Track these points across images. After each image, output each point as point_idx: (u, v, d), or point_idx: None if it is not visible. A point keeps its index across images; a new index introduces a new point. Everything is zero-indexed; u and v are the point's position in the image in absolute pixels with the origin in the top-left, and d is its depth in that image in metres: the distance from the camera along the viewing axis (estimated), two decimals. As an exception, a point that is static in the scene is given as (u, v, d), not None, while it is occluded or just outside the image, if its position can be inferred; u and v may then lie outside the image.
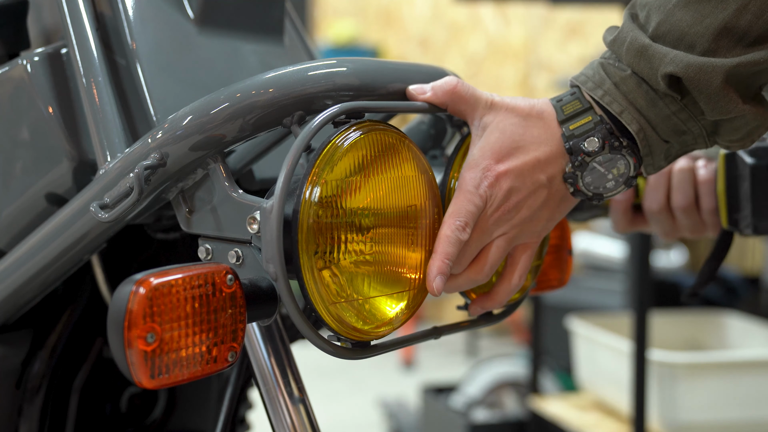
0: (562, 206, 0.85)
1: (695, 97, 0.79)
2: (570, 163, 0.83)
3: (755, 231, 1.03)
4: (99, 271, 1.10)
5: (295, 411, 0.87)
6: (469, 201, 0.81)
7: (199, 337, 0.72)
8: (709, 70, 0.77)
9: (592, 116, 0.83)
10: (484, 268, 0.84)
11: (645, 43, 0.80)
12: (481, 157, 0.82)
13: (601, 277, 3.80)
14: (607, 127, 0.82)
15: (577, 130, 0.82)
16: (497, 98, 0.84)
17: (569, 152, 0.82)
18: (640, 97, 0.81)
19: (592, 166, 0.83)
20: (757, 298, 3.48)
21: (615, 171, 0.83)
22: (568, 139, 0.82)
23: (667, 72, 0.78)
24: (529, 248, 0.86)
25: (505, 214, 0.82)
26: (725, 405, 2.24)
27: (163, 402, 1.21)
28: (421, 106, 0.86)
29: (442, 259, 0.80)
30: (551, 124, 0.83)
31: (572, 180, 0.83)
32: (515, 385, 3.16)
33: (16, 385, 1.08)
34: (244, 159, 0.93)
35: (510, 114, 0.83)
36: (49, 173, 0.96)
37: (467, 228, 0.81)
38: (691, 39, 0.78)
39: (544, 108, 0.84)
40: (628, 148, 0.82)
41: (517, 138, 0.82)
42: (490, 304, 0.88)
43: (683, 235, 1.15)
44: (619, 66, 0.82)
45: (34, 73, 0.96)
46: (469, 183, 0.81)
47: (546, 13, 5.42)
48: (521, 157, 0.82)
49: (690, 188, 1.12)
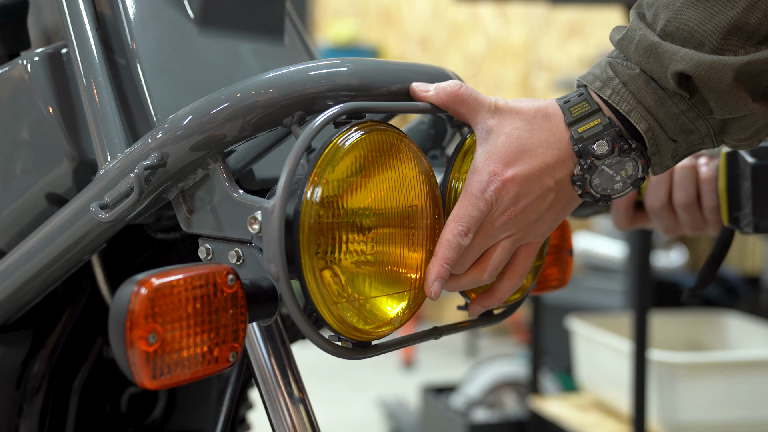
0: (568, 207, 0.85)
1: (704, 95, 0.79)
2: (578, 166, 0.82)
3: (756, 229, 1.04)
4: (99, 271, 1.10)
5: (295, 411, 0.87)
6: (473, 205, 0.80)
7: (200, 337, 0.72)
8: (719, 68, 0.77)
9: (601, 118, 0.82)
10: (488, 269, 0.83)
11: (654, 41, 0.79)
12: (487, 160, 0.81)
13: (601, 277, 3.80)
14: (617, 129, 0.82)
15: (586, 132, 0.82)
16: (501, 102, 0.84)
17: (578, 155, 0.82)
18: (648, 96, 0.81)
19: (601, 169, 0.82)
20: (757, 298, 3.48)
21: (623, 173, 0.83)
22: (577, 142, 0.82)
23: (677, 70, 0.78)
24: (532, 248, 0.86)
25: (512, 218, 0.82)
26: (725, 405, 2.24)
27: (163, 402, 1.21)
28: (422, 107, 0.86)
29: (441, 264, 0.80)
30: (559, 127, 0.83)
31: (581, 183, 0.83)
32: (515, 385, 3.16)
33: (16, 385, 1.08)
34: (244, 159, 0.93)
35: (515, 117, 0.83)
36: (49, 173, 0.96)
37: (469, 233, 0.80)
38: (700, 37, 0.78)
39: (550, 110, 0.83)
40: (637, 151, 0.82)
41: (524, 141, 0.82)
42: (490, 303, 0.88)
43: (684, 232, 1.16)
44: (628, 65, 0.82)
45: (34, 73, 0.96)
46: (475, 187, 0.81)
47: (546, 13, 5.42)
48: (529, 162, 0.81)
49: (692, 186, 1.12)
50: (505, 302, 0.93)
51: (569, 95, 0.84)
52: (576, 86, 0.85)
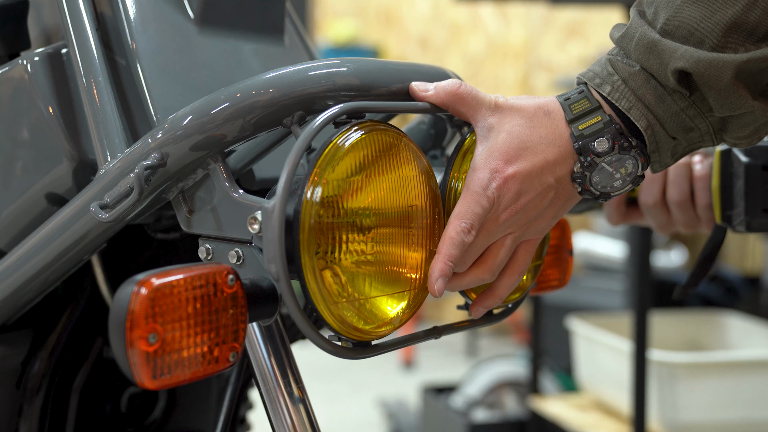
0: (567, 204, 0.85)
1: (704, 93, 0.79)
2: (579, 163, 0.82)
3: (748, 228, 1.04)
4: (99, 271, 1.10)
5: (295, 411, 0.87)
6: (476, 202, 0.80)
7: (200, 337, 0.72)
8: (719, 66, 0.77)
9: (601, 116, 0.82)
10: (490, 266, 0.83)
11: (654, 38, 0.79)
12: (488, 158, 0.81)
13: (601, 277, 3.80)
14: (617, 127, 0.82)
15: (587, 130, 0.82)
16: (501, 99, 0.84)
17: (578, 152, 0.82)
18: (648, 94, 0.81)
19: (600, 167, 0.82)
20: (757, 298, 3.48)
21: (623, 170, 0.83)
22: (578, 140, 0.82)
23: (678, 67, 0.78)
24: (531, 245, 0.86)
25: (514, 215, 0.82)
26: (725, 405, 2.24)
27: (163, 402, 1.21)
28: (422, 107, 0.86)
29: (444, 261, 0.80)
30: (559, 124, 0.83)
31: (581, 180, 0.83)
32: (515, 385, 3.16)
33: (16, 385, 1.08)
34: (244, 159, 0.93)
35: (516, 115, 0.83)
36: (49, 173, 0.96)
37: (472, 230, 0.80)
38: (700, 35, 0.78)
39: (551, 107, 0.83)
40: (637, 149, 0.82)
41: (525, 138, 0.82)
42: (490, 302, 0.88)
43: (677, 229, 1.16)
44: (628, 62, 0.82)
45: (34, 73, 0.96)
46: (477, 184, 0.81)
47: (546, 13, 5.42)
48: (530, 159, 0.81)
49: (686, 183, 1.12)
50: (504, 301, 0.93)
51: (569, 92, 0.84)
52: (576, 83, 0.85)
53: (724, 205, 1.07)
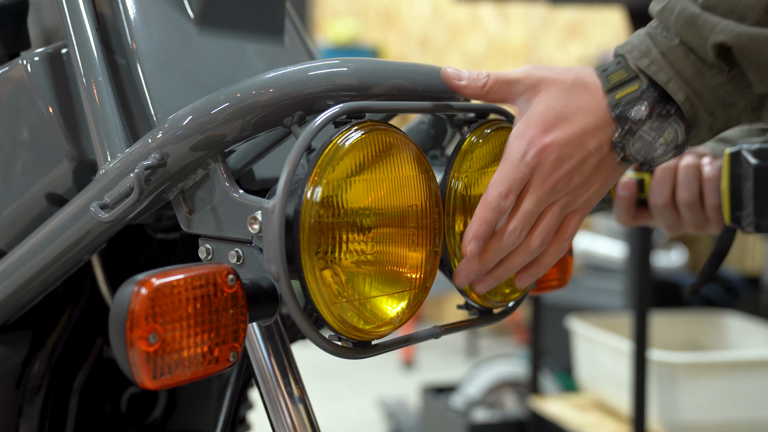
0: (613, 174, 0.85)
1: (744, 68, 0.79)
2: (618, 131, 0.82)
3: (757, 229, 1.05)
4: (99, 271, 1.10)
5: (295, 411, 0.87)
6: (515, 169, 0.81)
7: (200, 337, 0.72)
8: (760, 41, 0.77)
9: (639, 84, 0.82)
10: (539, 236, 0.84)
11: (695, 12, 0.79)
12: (526, 127, 0.82)
13: (601, 277, 3.80)
14: (655, 95, 0.82)
15: (624, 98, 0.82)
16: (536, 74, 0.84)
17: (616, 120, 0.82)
18: (687, 68, 0.81)
19: (639, 134, 0.82)
20: (757, 298, 3.48)
21: (663, 139, 0.83)
22: (615, 107, 0.82)
23: (718, 41, 0.78)
24: (580, 214, 0.86)
25: (558, 182, 0.82)
26: (725, 405, 2.24)
27: (163, 402, 1.21)
28: (422, 107, 0.86)
29: (479, 224, 0.81)
30: (597, 94, 0.83)
31: (621, 147, 0.83)
32: (515, 385, 3.16)
33: (16, 385, 1.08)
34: (244, 159, 0.93)
35: (553, 86, 0.83)
36: (49, 173, 0.96)
37: (510, 195, 0.81)
38: (742, 10, 0.78)
39: (588, 78, 0.84)
40: (677, 116, 0.82)
41: (562, 108, 0.82)
42: (536, 269, 0.87)
43: (687, 230, 1.17)
44: (667, 35, 0.82)
45: (34, 73, 0.96)
46: (515, 153, 0.82)
47: (546, 13, 5.42)
48: (568, 128, 0.82)
49: (695, 184, 1.13)
50: (504, 300, 0.93)
51: (607, 64, 0.84)
52: (614, 55, 0.85)
53: (733, 206, 1.07)
